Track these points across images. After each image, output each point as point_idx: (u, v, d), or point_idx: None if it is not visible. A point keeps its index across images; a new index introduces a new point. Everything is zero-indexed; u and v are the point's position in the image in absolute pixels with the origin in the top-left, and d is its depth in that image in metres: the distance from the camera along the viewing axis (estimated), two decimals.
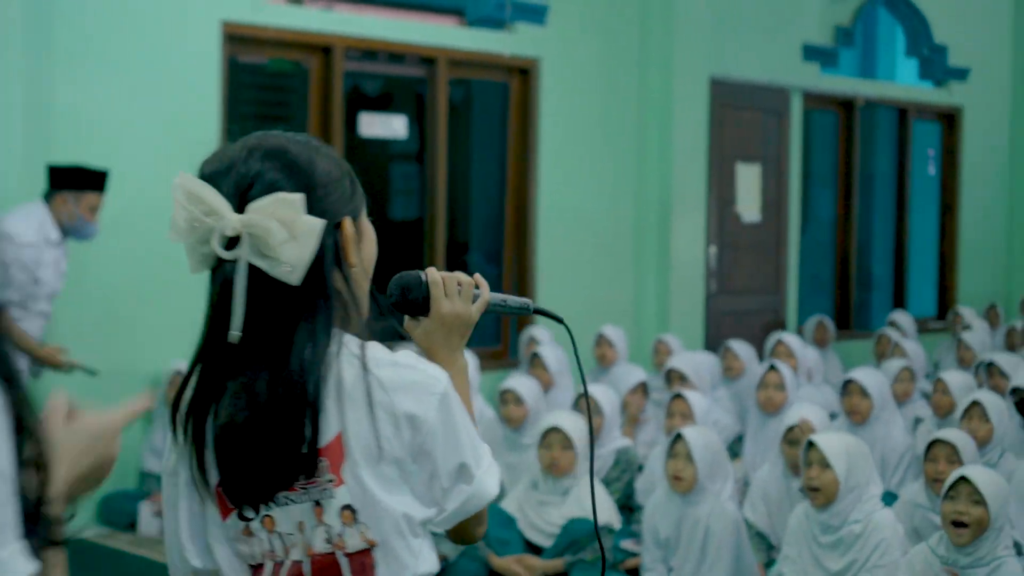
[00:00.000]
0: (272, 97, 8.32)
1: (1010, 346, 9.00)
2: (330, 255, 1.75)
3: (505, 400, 6.51)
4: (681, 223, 9.34)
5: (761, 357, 8.31)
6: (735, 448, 6.88)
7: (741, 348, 8.10)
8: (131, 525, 6.66)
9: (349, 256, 1.78)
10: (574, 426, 5.51)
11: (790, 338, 8.09)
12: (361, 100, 8.49)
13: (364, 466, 1.72)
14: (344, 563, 1.75)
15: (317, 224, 1.70)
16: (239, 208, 1.71)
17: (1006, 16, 12.51)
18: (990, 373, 7.19)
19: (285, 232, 1.68)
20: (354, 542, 1.74)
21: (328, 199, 1.76)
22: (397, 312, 1.95)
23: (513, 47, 8.66)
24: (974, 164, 12.23)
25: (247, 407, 1.70)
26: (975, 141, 12.22)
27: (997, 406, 5.92)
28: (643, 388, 7.18)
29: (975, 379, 7.11)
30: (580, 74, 8.97)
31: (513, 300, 2.05)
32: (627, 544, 5.64)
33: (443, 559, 5.27)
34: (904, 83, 12.24)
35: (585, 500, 5.40)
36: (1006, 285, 12.56)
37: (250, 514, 1.75)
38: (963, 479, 4.43)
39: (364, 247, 1.83)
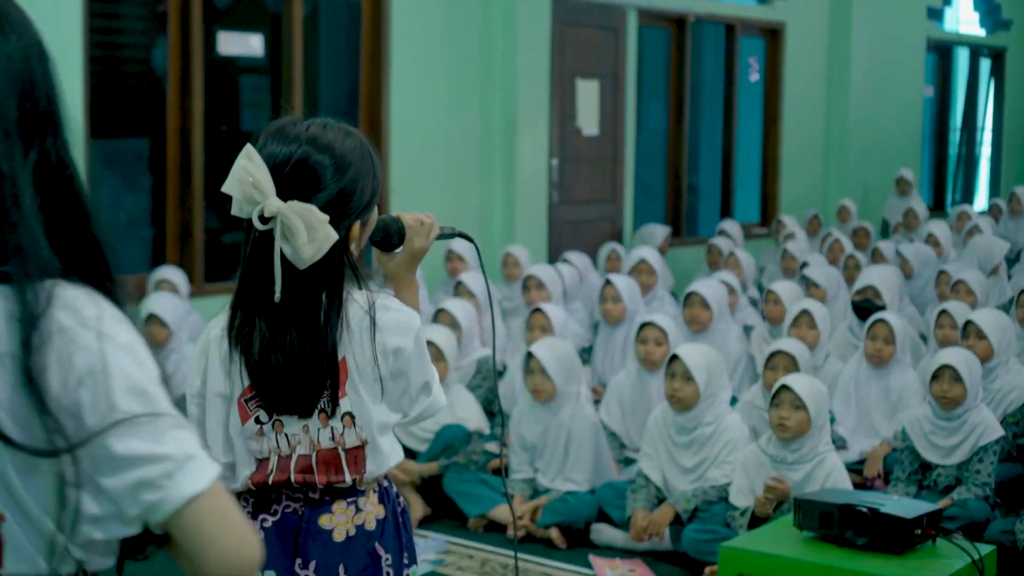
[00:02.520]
0: (132, 11, 8.42)
1: (830, 257, 9.61)
2: (340, 245, 2.25)
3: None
4: (525, 137, 9.74)
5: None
6: (584, 357, 7.34)
7: (578, 259, 8.53)
8: None
9: (351, 247, 2.30)
10: (443, 339, 5.88)
11: (647, 252, 8.24)
12: (212, 14, 8.59)
13: (361, 383, 2.26)
14: (343, 456, 2.28)
15: (333, 237, 2.18)
16: (282, 192, 2.18)
17: None
18: (808, 283, 7.82)
19: (307, 235, 2.16)
20: (351, 440, 2.29)
21: (351, 204, 2.25)
22: (377, 248, 2.46)
23: None
24: (795, 77, 12.87)
25: (283, 355, 2.22)
26: (797, 55, 12.84)
27: (822, 314, 6.54)
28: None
29: (801, 287, 7.73)
30: None
31: (447, 228, 2.59)
32: (492, 447, 6.07)
33: None
34: (731, 0, 12.76)
35: (457, 407, 5.80)
36: (823, 193, 13.32)
37: (264, 419, 2.28)
38: (785, 387, 4.90)
39: (364, 232, 2.34)
